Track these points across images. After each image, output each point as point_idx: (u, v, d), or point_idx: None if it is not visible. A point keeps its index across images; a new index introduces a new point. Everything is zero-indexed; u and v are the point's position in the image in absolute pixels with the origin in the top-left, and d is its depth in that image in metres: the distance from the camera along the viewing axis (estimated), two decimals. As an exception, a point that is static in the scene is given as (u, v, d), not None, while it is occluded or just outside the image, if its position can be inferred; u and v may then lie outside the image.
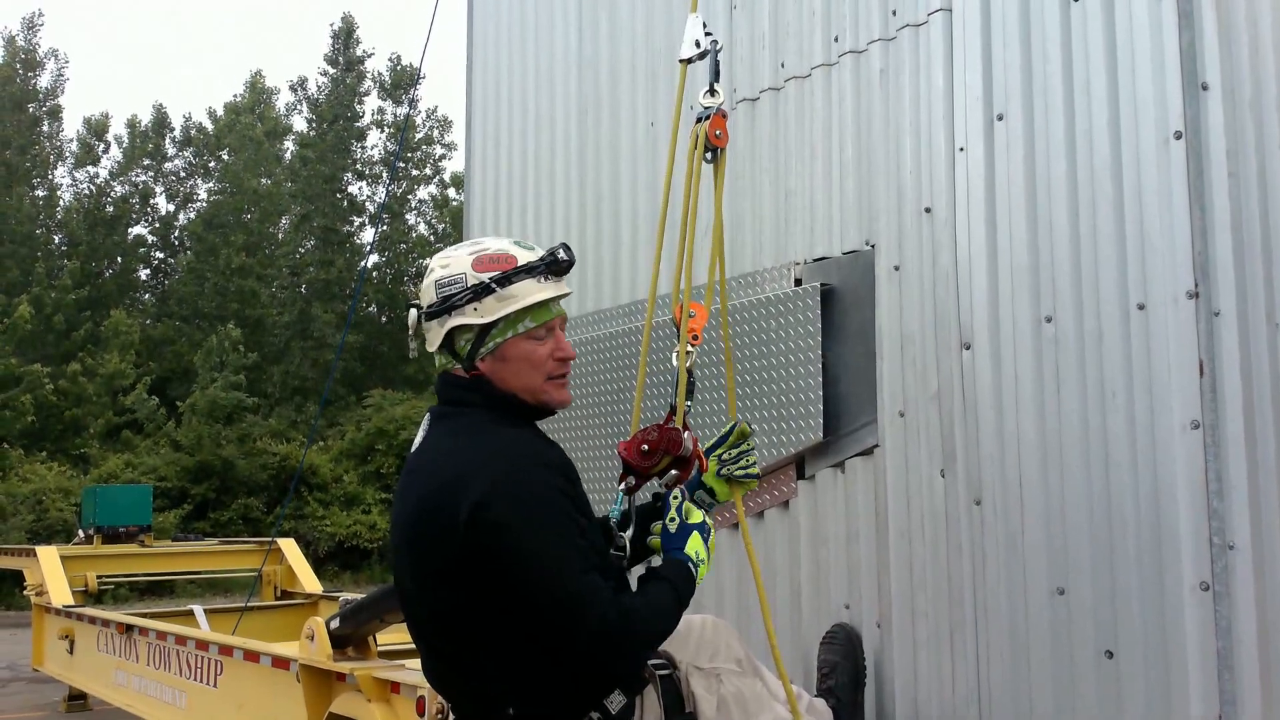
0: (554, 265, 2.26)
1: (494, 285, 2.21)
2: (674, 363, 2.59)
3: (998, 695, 3.18)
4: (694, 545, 2.37)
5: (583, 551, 2.16)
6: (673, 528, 2.39)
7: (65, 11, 52.87)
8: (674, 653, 2.49)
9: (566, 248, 2.29)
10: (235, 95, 32.39)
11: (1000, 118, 3.34)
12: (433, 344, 2.30)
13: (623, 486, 2.48)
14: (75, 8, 54.41)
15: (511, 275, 2.22)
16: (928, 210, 3.50)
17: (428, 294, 2.28)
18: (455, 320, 2.24)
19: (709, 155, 2.78)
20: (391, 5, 54.56)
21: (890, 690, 3.49)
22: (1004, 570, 3.19)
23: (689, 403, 2.59)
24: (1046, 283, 3.17)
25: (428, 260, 2.40)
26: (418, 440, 2.34)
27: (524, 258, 2.26)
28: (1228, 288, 2.88)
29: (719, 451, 2.61)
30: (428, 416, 2.37)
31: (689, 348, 2.61)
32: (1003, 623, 3.18)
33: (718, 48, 2.83)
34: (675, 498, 2.44)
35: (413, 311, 2.30)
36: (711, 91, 2.78)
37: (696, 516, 2.43)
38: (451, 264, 2.27)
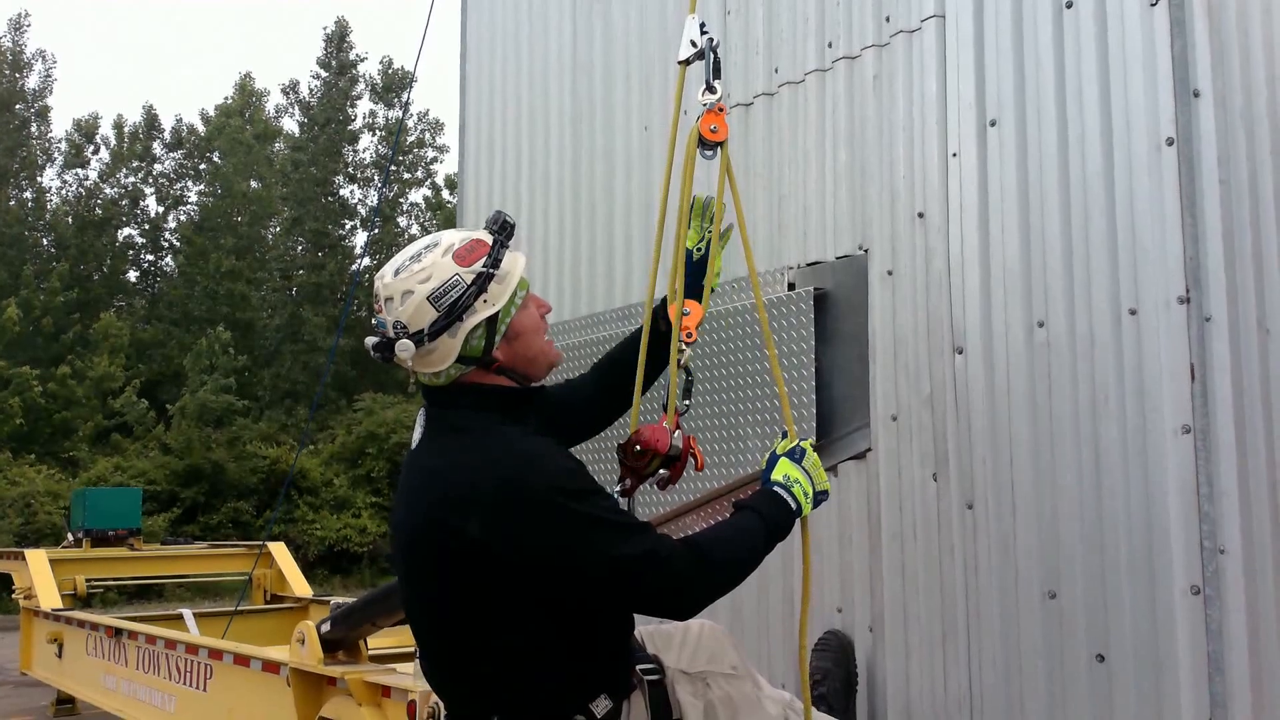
0: (511, 231, 2.25)
1: (491, 270, 2.18)
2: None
3: (989, 699, 3.19)
4: (781, 470, 2.39)
5: (617, 510, 2.16)
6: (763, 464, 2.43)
7: (58, 9, 52.73)
8: (665, 657, 2.49)
9: (500, 212, 2.30)
10: (226, 97, 32.37)
11: (993, 123, 3.35)
12: (447, 359, 2.17)
13: (618, 488, 2.47)
14: (69, 6, 54.29)
15: (496, 255, 2.20)
16: (921, 215, 3.51)
17: (421, 315, 2.14)
18: (469, 321, 2.16)
19: (709, 153, 2.78)
20: (384, 8, 54.54)
21: (882, 693, 3.50)
22: (996, 574, 3.20)
23: (688, 401, 2.60)
24: (1039, 288, 3.18)
25: (378, 292, 2.28)
26: (415, 438, 2.32)
27: (487, 236, 2.24)
28: (1219, 293, 2.90)
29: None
30: (421, 413, 2.32)
31: (683, 345, 2.61)
32: (995, 626, 3.19)
33: (714, 44, 2.83)
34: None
35: (406, 344, 2.14)
36: (709, 89, 2.77)
37: (783, 445, 2.44)
38: (433, 273, 2.16)
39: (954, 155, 3.44)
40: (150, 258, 31.28)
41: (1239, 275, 2.95)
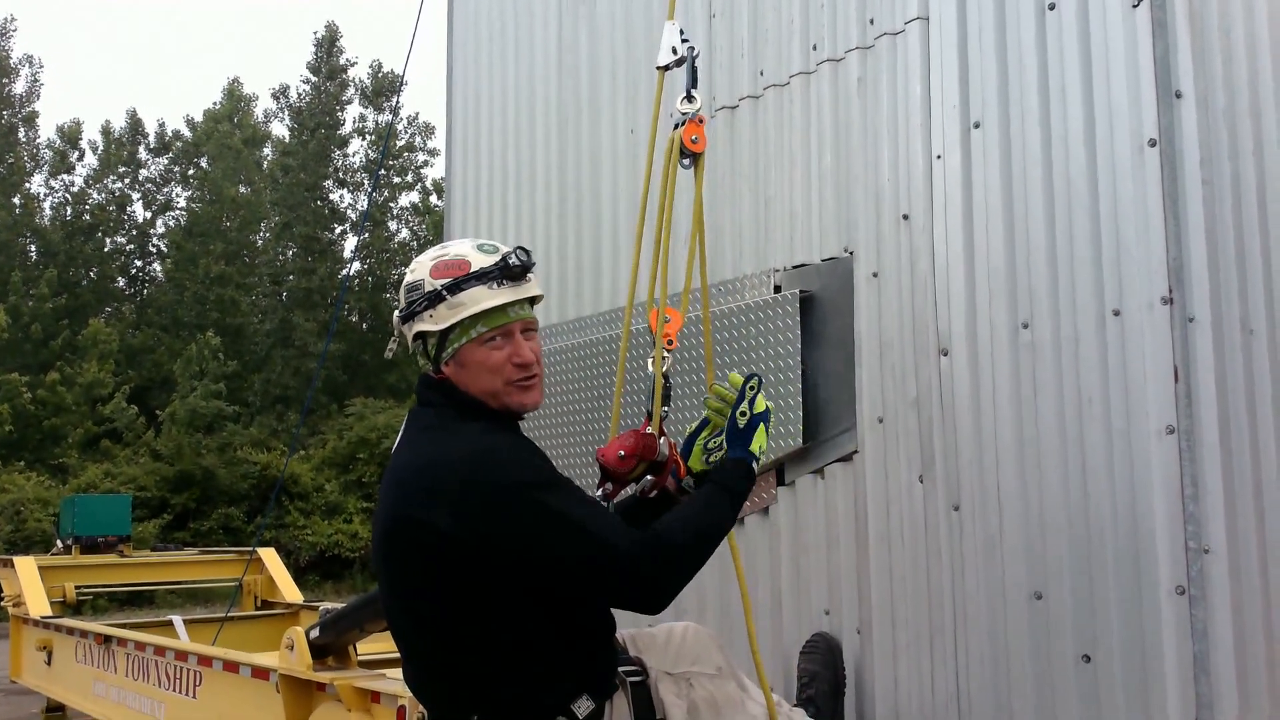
0: (506, 271, 2.26)
1: (445, 293, 2.24)
2: (650, 369, 2.59)
3: (977, 700, 3.19)
4: (759, 441, 2.42)
5: (582, 502, 2.19)
6: (741, 422, 2.43)
7: (46, 10, 52.63)
8: (648, 659, 2.49)
9: (522, 251, 2.29)
10: (215, 103, 32.31)
11: (977, 125, 3.36)
12: (408, 344, 2.35)
13: (600, 492, 2.48)
14: (57, 6, 54.24)
15: (462, 283, 2.23)
16: (905, 217, 3.52)
17: (400, 298, 2.35)
18: (416, 326, 2.29)
19: (686, 161, 2.79)
20: (373, 12, 54.55)
21: (870, 695, 3.50)
22: (983, 575, 3.20)
23: (666, 408, 2.60)
24: (1023, 289, 3.19)
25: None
26: (397, 440, 2.37)
27: (478, 263, 2.26)
28: (1202, 294, 2.91)
29: (702, 438, 2.61)
30: (407, 415, 2.40)
31: (664, 353, 2.61)
32: (982, 628, 3.19)
33: (695, 54, 2.84)
34: (751, 387, 2.45)
35: (396, 314, 2.35)
36: (689, 98, 2.78)
37: (762, 405, 2.46)
38: (417, 270, 2.32)
39: (938, 157, 3.44)
40: (139, 263, 31.21)
41: (1222, 275, 2.96)
